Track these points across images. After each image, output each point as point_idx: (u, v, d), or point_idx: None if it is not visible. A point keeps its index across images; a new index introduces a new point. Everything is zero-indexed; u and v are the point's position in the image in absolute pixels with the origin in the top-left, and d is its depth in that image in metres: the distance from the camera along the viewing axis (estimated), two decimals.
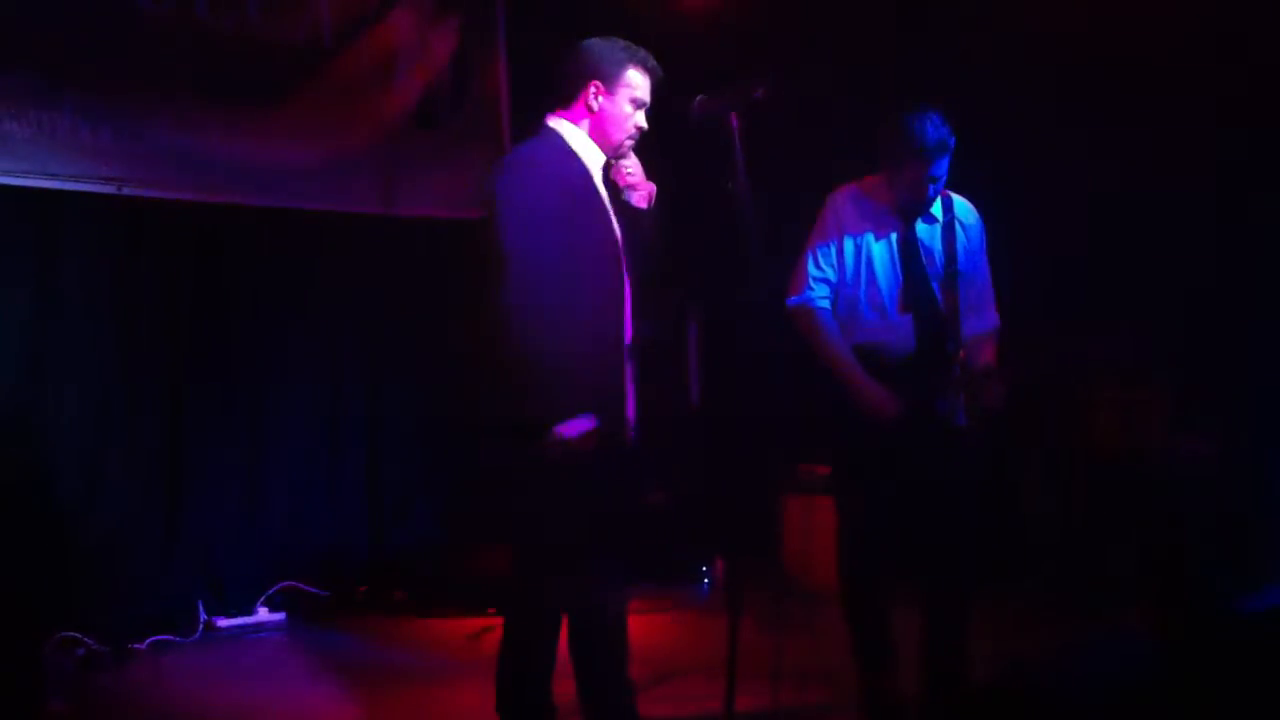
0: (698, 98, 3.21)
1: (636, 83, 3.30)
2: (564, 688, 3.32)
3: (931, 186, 3.70)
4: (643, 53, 3.33)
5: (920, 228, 3.79)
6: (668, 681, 4.25)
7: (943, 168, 3.69)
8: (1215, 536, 4.77)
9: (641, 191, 3.40)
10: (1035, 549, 5.10)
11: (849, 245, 3.78)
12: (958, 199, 3.87)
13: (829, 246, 3.79)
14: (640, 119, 3.33)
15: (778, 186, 3.51)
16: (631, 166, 3.40)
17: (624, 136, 3.33)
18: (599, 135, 3.32)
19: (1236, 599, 3.68)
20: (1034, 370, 3.81)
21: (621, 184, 3.39)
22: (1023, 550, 5.10)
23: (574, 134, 3.32)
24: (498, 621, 4.98)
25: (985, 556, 3.92)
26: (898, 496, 3.74)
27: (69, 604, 4.50)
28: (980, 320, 3.83)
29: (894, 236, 3.78)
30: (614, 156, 3.37)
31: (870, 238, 3.78)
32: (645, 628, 4.61)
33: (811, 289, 3.79)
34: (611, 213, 3.33)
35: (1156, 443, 4.88)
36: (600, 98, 3.29)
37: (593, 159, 3.32)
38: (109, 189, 4.67)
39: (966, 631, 3.83)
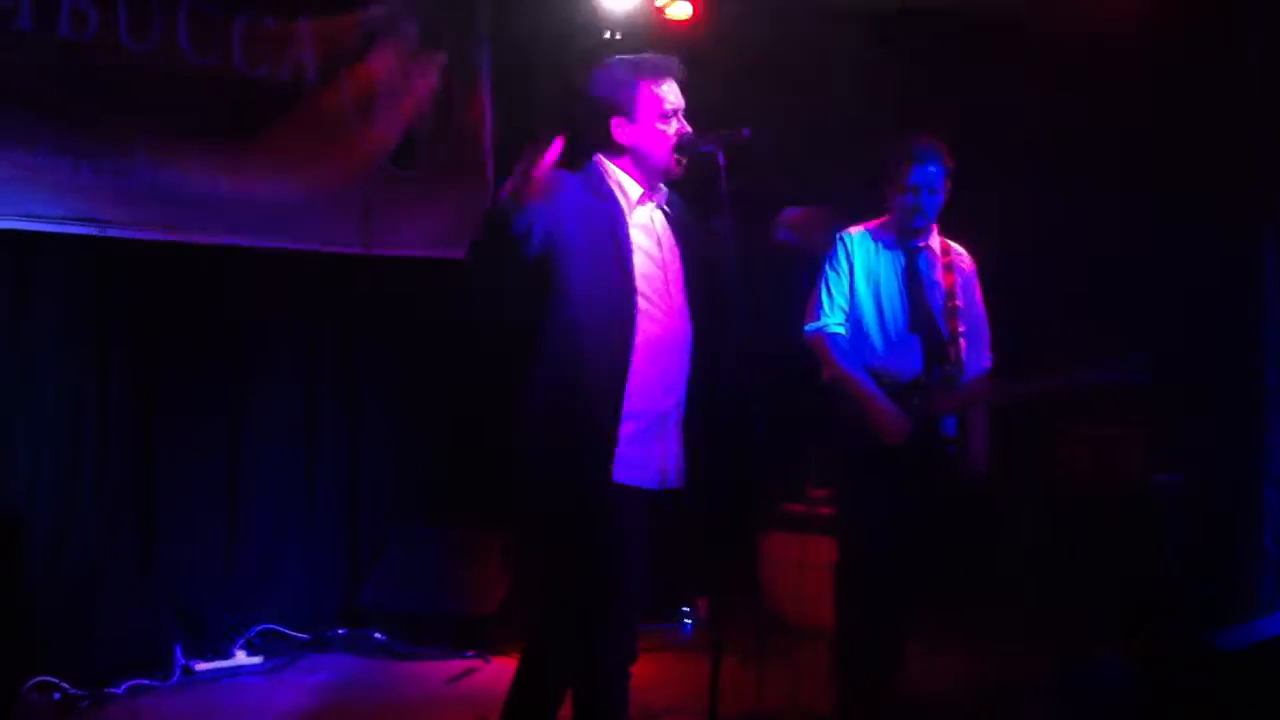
0: (686, 135, 3.21)
1: (656, 95, 3.14)
2: None
3: (923, 196, 3.95)
4: (648, 61, 3.16)
5: (922, 261, 4.06)
6: None
7: (931, 175, 3.94)
8: (1192, 573, 4.79)
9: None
10: (1015, 579, 5.13)
11: (860, 276, 4.04)
12: (954, 245, 4.15)
13: (840, 277, 4.05)
14: (678, 125, 3.17)
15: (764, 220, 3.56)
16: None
17: (668, 152, 3.16)
18: (641, 166, 3.18)
19: (1215, 636, 3.69)
20: (1012, 401, 4.00)
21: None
22: (1003, 580, 5.13)
23: (613, 171, 3.18)
24: (478, 664, 4.99)
25: (966, 583, 4.05)
26: (900, 517, 3.89)
27: (44, 648, 4.43)
28: (976, 361, 4.08)
29: (900, 267, 4.05)
30: (669, 179, 3.22)
31: (878, 269, 4.06)
32: None
33: (828, 315, 4.04)
34: (633, 254, 3.13)
35: (1132, 478, 4.94)
36: (627, 130, 3.15)
37: (632, 194, 3.18)
38: (91, 230, 4.61)
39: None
